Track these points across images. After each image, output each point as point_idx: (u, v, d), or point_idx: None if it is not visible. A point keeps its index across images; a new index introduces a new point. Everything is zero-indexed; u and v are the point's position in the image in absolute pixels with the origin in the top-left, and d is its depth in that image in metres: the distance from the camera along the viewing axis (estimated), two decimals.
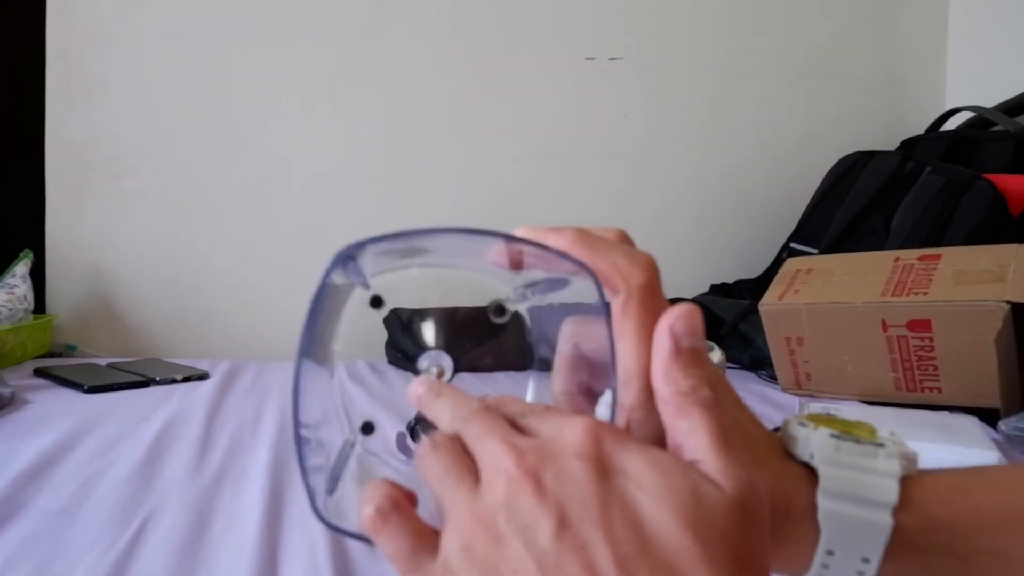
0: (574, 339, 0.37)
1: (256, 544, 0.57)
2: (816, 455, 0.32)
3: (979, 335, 0.95)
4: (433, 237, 0.35)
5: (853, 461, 0.32)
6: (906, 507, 0.31)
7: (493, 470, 0.28)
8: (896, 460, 0.32)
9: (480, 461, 0.29)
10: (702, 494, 0.26)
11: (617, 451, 0.27)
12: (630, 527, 0.25)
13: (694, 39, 1.62)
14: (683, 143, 1.63)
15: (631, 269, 0.32)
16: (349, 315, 0.40)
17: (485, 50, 1.52)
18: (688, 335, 0.29)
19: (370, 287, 0.40)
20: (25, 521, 0.60)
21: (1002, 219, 1.19)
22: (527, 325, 0.42)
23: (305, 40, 1.43)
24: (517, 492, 0.27)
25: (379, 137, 1.47)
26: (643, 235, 1.58)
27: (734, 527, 0.26)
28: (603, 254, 0.32)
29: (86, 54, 1.35)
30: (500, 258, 0.36)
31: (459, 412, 0.32)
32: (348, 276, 0.38)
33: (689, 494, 0.26)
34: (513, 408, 0.32)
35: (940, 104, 1.71)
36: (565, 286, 0.37)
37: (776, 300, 1.11)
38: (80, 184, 1.36)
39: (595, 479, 0.26)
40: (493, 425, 0.30)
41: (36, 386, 1.02)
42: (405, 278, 0.40)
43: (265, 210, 1.43)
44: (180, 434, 0.83)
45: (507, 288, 0.42)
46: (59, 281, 1.36)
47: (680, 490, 0.26)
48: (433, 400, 0.34)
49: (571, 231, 0.33)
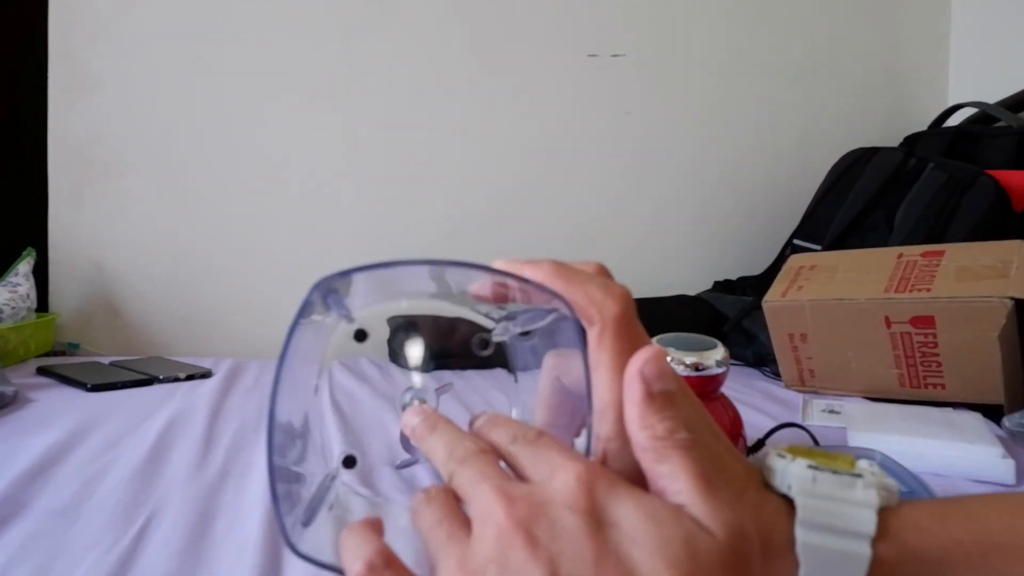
0: (555, 372, 0.37)
1: (259, 543, 0.57)
2: (794, 486, 0.32)
3: (983, 331, 0.95)
4: (411, 269, 0.35)
5: (831, 492, 0.32)
6: (884, 537, 0.31)
7: (483, 520, 0.28)
8: (874, 490, 0.32)
9: (472, 508, 0.29)
10: (695, 544, 0.26)
11: (609, 500, 0.27)
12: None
13: (696, 36, 1.62)
14: (685, 140, 1.63)
15: (606, 300, 0.32)
16: (335, 348, 0.39)
17: (486, 47, 1.51)
18: (658, 379, 0.30)
19: (354, 320, 0.39)
20: (27, 520, 0.60)
21: (1005, 215, 1.19)
22: (511, 355, 0.42)
23: (305, 38, 1.43)
24: (508, 546, 0.26)
25: (379, 134, 1.47)
26: (646, 232, 1.59)
27: (727, 573, 0.26)
28: (579, 285, 0.33)
29: (87, 52, 1.35)
30: (483, 291, 0.36)
31: (454, 452, 0.32)
32: (329, 309, 0.38)
33: (682, 545, 0.26)
34: (504, 434, 0.32)
35: (943, 100, 1.70)
36: (544, 318, 0.37)
37: (779, 296, 1.11)
38: (82, 182, 1.36)
39: (588, 533, 0.26)
40: (486, 469, 0.30)
41: (39, 384, 1.02)
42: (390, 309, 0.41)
43: (267, 207, 1.43)
44: (183, 432, 0.83)
45: (490, 321, 0.42)
46: (62, 279, 1.36)
47: (673, 541, 0.26)
48: (427, 435, 0.34)
49: (548, 264, 0.34)
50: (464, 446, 0.32)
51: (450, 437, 0.33)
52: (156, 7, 1.36)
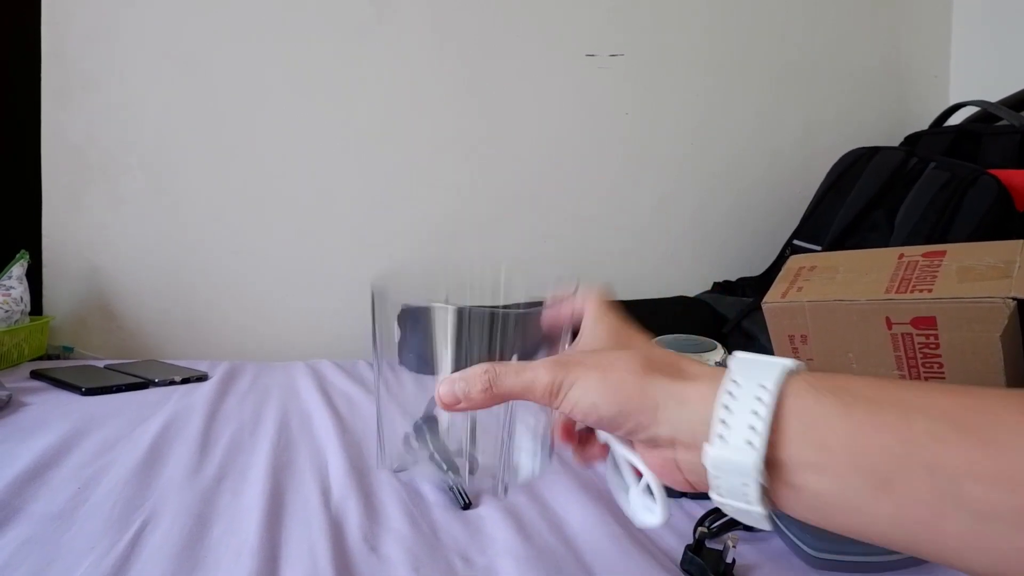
0: None
1: (256, 546, 0.56)
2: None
3: (985, 332, 0.94)
4: None
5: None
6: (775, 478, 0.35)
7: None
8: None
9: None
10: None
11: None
12: None
13: (695, 36, 1.61)
14: (684, 140, 1.62)
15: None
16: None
17: (484, 47, 1.51)
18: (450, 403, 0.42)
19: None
20: (22, 524, 0.59)
21: (1007, 214, 1.18)
22: None
23: (302, 38, 1.42)
24: None
25: (377, 134, 1.47)
26: (645, 233, 1.58)
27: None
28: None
29: (81, 53, 1.34)
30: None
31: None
32: None
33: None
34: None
35: (944, 99, 1.70)
36: None
37: (779, 297, 1.11)
38: (76, 184, 1.35)
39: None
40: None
41: (33, 388, 1.02)
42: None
43: (263, 209, 1.42)
44: (179, 436, 0.82)
45: None
46: (56, 282, 1.35)
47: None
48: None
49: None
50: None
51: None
52: (151, 8, 1.35)
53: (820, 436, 0.34)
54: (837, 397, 0.34)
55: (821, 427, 0.34)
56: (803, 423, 0.34)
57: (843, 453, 0.33)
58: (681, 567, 0.56)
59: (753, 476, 0.34)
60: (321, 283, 1.45)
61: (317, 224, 1.44)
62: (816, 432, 0.34)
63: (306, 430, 0.87)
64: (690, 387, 0.37)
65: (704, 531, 0.57)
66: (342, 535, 0.60)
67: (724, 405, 0.35)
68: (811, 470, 0.34)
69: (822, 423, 0.34)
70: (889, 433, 0.32)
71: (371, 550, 0.58)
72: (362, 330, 1.40)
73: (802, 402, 0.34)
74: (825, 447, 0.33)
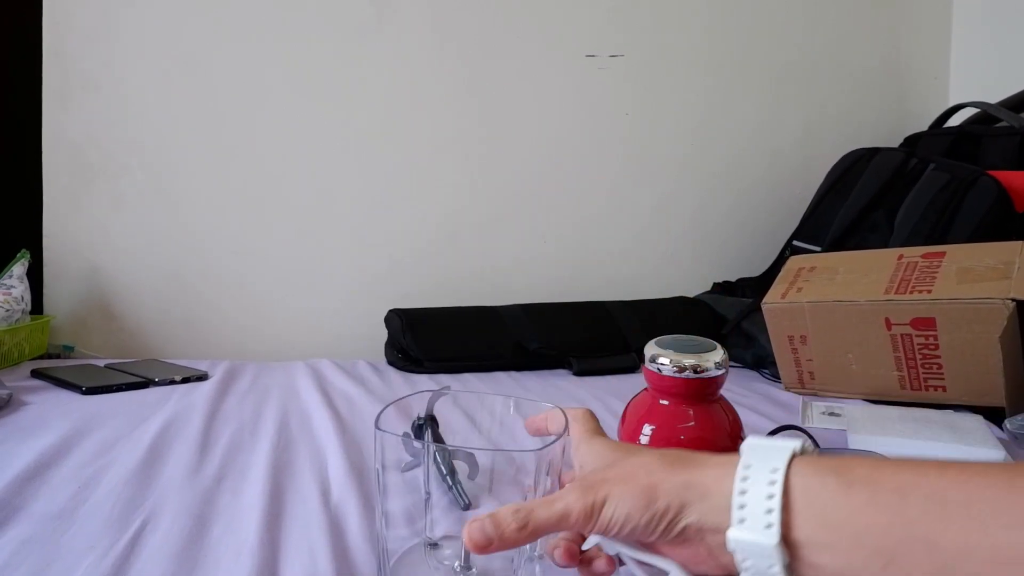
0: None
1: (256, 546, 0.56)
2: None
3: (984, 333, 0.94)
4: None
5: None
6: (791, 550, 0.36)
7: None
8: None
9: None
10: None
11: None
12: None
13: (695, 36, 1.61)
14: (684, 140, 1.62)
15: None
16: None
17: (484, 47, 1.51)
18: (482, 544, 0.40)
19: None
20: (22, 524, 0.59)
21: (1007, 216, 1.18)
22: None
23: (302, 38, 1.42)
24: None
25: (377, 134, 1.47)
26: (645, 233, 1.58)
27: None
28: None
29: (82, 53, 1.34)
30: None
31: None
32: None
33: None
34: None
35: (944, 100, 1.70)
36: None
37: (779, 298, 1.11)
38: (77, 183, 1.35)
39: None
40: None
41: (34, 387, 1.02)
42: None
43: (263, 209, 1.42)
44: (179, 436, 0.82)
45: None
46: (56, 281, 1.36)
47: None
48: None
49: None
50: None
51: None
52: (152, 8, 1.35)
53: (825, 515, 0.35)
54: (839, 477, 0.36)
55: (826, 507, 0.35)
56: (809, 503, 0.35)
57: (847, 531, 0.34)
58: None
59: (776, 556, 0.35)
60: (321, 283, 1.45)
61: (317, 224, 1.44)
62: (822, 512, 0.35)
63: (306, 430, 0.87)
64: (708, 477, 0.39)
65: None
66: (342, 535, 0.60)
67: (740, 491, 0.37)
68: (822, 549, 0.35)
69: (828, 503, 0.35)
70: (887, 514, 0.34)
71: (370, 549, 0.58)
72: (362, 330, 1.41)
73: (808, 482, 0.36)
74: (829, 526, 0.35)
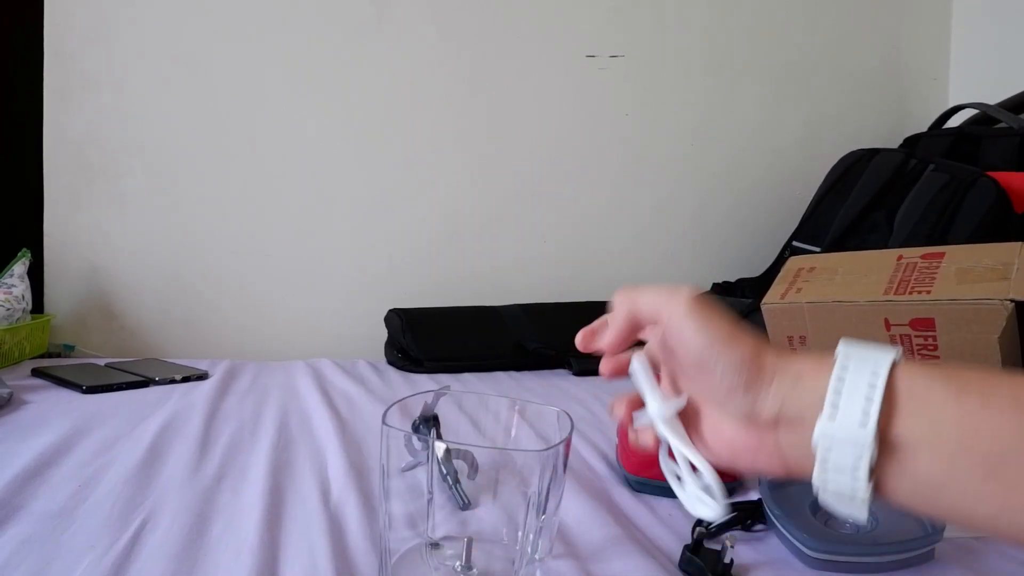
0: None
1: (255, 545, 0.56)
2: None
3: (983, 333, 0.94)
4: None
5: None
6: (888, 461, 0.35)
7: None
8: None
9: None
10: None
11: None
12: None
13: (695, 36, 1.62)
14: (684, 141, 1.62)
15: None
16: None
17: (485, 48, 1.51)
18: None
19: None
20: (23, 523, 0.59)
21: (1006, 216, 1.18)
22: None
23: (303, 38, 1.42)
24: None
25: (377, 135, 1.47)
26: (644, 234, 1.58)
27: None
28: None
29: (83, 52, 1.34)
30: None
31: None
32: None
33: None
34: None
35: (943, 101, 1.70)
36: None
37: (778, 299, 1.11)
38: (78, 183, 1.35)
39: None
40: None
41: (34, 386, 1.02)
42: None
43: (264, 208, 1.42)
44: (179, 435, 0.83)
45: None
46: (57, 281, 1.36)
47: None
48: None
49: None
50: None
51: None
52: (151, 7, 1.36)
53: (931, 417, 0.34)
54: (949, 383, 0.35)
55: (933, 408, 0.34)
56: (915, 403, 0.34)
57: (953, 434, 0.33)
58: (679, 567, 0.57)
59: (867, 447, 0.34)
60: (321, 283, 1.45)
61: (317, 224, 1.44)
62: (928, 413, 0.34)
63: (306, 430, 0.88)
64: (805, 364, 0.38)
65: (702, 531, 0.58)
66: (342, 534, 0.60)
67: (838, 378, 0.36)
68: (921, 450, 0.34)
69: (934, 405, 0.34)
70: (1000, 420, 0.32)
71: (370, 549, 0.58)
72: (362, 330, 1.41)
73: (914, 384, 0.35)
74: (936, 427, 0.34)
